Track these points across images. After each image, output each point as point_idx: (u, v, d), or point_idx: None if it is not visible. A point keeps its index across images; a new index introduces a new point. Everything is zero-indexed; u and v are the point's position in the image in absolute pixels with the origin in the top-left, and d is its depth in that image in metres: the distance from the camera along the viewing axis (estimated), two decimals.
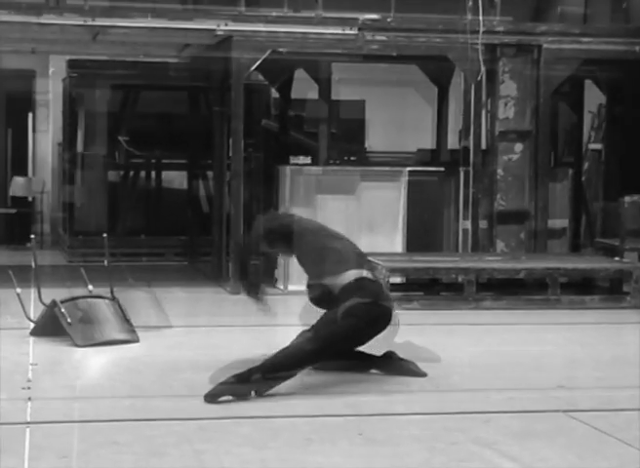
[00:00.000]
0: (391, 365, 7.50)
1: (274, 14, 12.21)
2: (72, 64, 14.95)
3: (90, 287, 8.97)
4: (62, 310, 8.47)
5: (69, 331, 8.40)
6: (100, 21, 11.56)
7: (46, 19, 11.45)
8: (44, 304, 8.70)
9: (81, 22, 11.51)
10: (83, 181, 15.28)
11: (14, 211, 16.08)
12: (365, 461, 5.40)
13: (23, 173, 16.66)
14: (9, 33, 12.35)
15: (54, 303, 8.55)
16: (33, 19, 11.44)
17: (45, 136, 16.94)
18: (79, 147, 15.10)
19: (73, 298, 8.70)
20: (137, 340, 8.54)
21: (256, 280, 7.86)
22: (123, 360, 8.03)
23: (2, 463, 5.24)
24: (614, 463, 5.46)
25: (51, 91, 16.69)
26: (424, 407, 6.64)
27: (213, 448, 5.54)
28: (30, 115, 16.74)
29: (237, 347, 8.55)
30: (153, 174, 15.52)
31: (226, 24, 11.61)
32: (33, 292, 8.99)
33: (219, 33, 11.67)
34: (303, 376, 7.00)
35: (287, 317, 10.03)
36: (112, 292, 8.87)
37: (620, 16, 14.42)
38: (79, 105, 15.09)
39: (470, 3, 12.17)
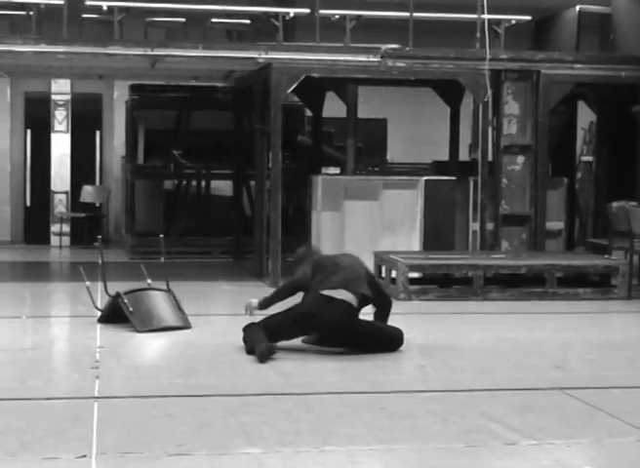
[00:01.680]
0: None
1: (308, 44, 12.22)
2: (134, 88, 15.01)
3: (148, 280, 9.00)
4: (125, 301, 8.50)
5: (131, 319, 8.43)
6: (157, 51, 11.60)
7: (112, 49, 11.50)
8: (109, 296, 8.74)
9: (141, 52, 11.55)
10: (142, 189, 15.34)
11: (83, 215, 16.15)
12: (387, 432, 5.40)
13: (91, 182, 16.73)
14: (81, 62, 12.43)
15: (118, 295, 8.59)
16: (101, 50, 11.50)
17: (109, 150, 17.02)
18: (139, 160, 15.15)
19: (134, 290, 8.73)
20: (189, 327, 8.56)
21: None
22: (177, 344, 8.06)
23: (75, 431, 5.28)
24: (602, 433, 5.44)
25: (115, 111, 16.76)
26: (439, 385, 6.62)
27: (255, 421, 5.55)
28: (98, 133, 16.80)
29: None
30: (203, 182, 15.57)
31: (266, 53, 11.62)
32: (100, 285, 9.05)
33: (259, 61, 11.69)
34: None
35: None
36: (168, 284, 8.90)
37: (608, 45, 14.37)
38: (139, 124, 15.14)
39: (478, 35, 12.16)
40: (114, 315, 8.59)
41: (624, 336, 8.87)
